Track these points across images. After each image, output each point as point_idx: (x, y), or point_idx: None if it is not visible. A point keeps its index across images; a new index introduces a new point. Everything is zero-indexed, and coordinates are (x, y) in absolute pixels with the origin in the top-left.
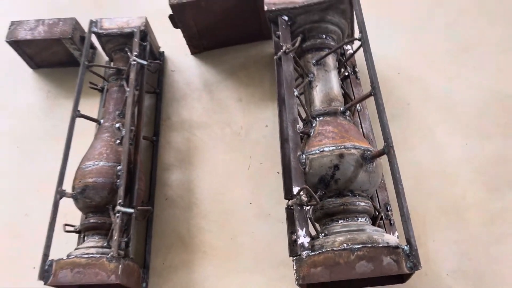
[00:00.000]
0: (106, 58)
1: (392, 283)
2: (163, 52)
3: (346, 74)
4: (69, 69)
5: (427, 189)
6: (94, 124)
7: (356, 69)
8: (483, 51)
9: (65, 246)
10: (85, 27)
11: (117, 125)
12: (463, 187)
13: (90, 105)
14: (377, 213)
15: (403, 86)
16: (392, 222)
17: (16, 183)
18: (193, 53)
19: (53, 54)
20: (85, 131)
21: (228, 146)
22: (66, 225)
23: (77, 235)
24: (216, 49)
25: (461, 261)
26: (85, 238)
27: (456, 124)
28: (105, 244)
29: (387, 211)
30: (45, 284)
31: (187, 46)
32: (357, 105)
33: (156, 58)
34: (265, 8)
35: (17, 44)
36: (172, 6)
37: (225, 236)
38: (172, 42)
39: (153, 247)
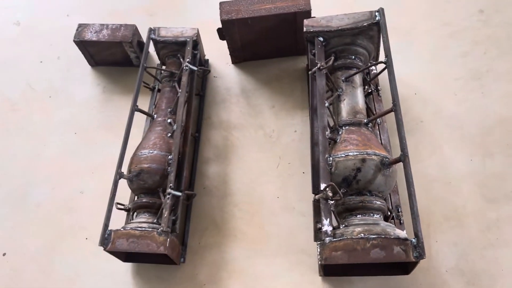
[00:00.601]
0: (157, 61)
1: (398, 274)
2: (208, 59)
3: (370, 91)
4: (123, 69)
5: (433, 196)
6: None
7: (378, 87)
8: (492, 79)
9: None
10: (141, 32)
11: (169, 120)
12: (464, 197)
13: (139, 102)
14: (389, 213)
15: (418, 105)
16: (401, 221)
17: (73, 164)
18: (233, 62)
19: (111, 55)
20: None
21: (260, 146)
22: (117, 203)
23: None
24: (254, 61)
25: (459, 260)
26: (136, 215)
27: (462, 142)
28: (154, 221)
29: (398, 211)
30: (104, 249)
31: (228, 56)
32: (378, 119)
33: (202, 64)
34: (304, 29)
35: (82, 44)
36: (223, 21)
37: (254, 224)
38: (214, 52)
39: (191, 229)
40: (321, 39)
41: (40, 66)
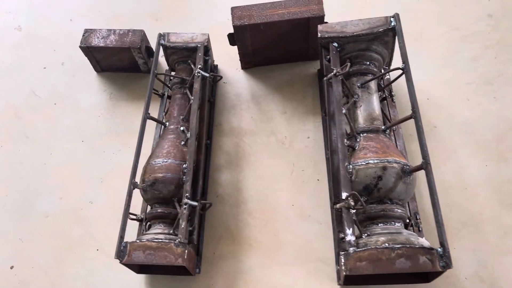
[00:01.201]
0: (165, 67)
1: (418, 282)
2: (217, 65)
3: (383, 96)
4: (130, 74)
5: (450, 203)
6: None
7: (392, 93)
8: (503, 84)
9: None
10: (148, 38)
11: (182, 128)
12: (481, 203)
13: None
14: (407, 220)
15: (432, 111)
16: (420, 229)
17: (81, 173)
18: (243, 68)
19: (118, 60)
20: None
21: (273, 153)
22: (129, 213)
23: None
24: (264, 66)
25: (478, 267)
26: (151, 226)
27: (477, 147)
28: (170, 232)
29: (416, 219)
30: (120, 262)
31: (237, 61)
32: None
33: (212, 70)
34: (319, 35)
35: (89, 50)
36: (235, 26)
37: (269, 232)
38: (222, 57)
39: (205, 238)
40: (336, 44)
41: (43, 72)
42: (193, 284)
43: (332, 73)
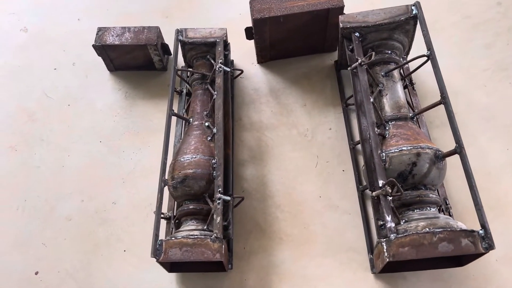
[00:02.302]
0: (181, 64)
1: (451, 266)
2: (233, 60)
3: (405, 85)
4: (144, 73)
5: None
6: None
7: (413, 81)
8: None
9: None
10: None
11: (207, 124)
12: (505, 186)
13: (163, 106)
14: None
15: (450, 98)
16: (450, 214)
17: (102, 174)
18: (259, 62)
19: (132, 59)
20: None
21: (296, 146)
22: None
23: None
24: (280, 60)
25: (508, 249)
26: (181, 223)
27: (496, 132)
28: (204, 228)
29: (446, 204)
30: (157, 261)
31: (252, 55)
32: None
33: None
34: (341, 25)
35: (103, 48)
36: (255, 20)
37: (299, 225)
38: (237, 51)
39: (235, 234)
40: (358, 34)
41: (54, 73)
42: (226, 280)
43: (357, 63)
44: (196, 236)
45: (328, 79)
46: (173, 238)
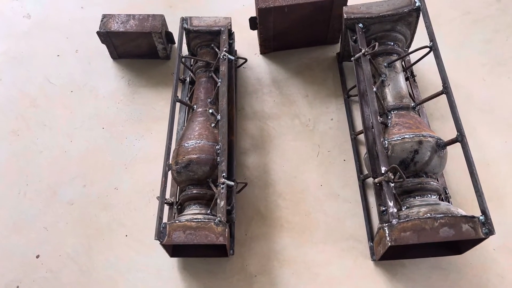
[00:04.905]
0: (185, 52)
1: (450, 254)
2: (236, 50)
3: (406, 77)
4: (147, 61)
5: None
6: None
7: (414, 73)
8: None
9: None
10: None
11: (211, 111)
12: (504, 178)
13: (166, 93)
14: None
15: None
16: (450, 202)
17: (104, 160)
18: (262, 52)
19: (136, 46)
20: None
21: (297, 135)
22: (158, 197)
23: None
24: (282, 51)
25: (505, 238)
26: (184, 208)
27: (495, 125)
28: (208, 212)
29: (446, 193)
30: (160, 243)
31: (255, 46)
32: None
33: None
34: (345, 16)
35: (107, 35)
36: (260, 9)
37: (300, 213)
38: (240, 42)
39: (236, 220)
40: (361, 25)
41: (57, 60)
42: (228, 266)
43: (361, 53)
44: (199, 220)
45: (330, 71)
46: (177, 221)
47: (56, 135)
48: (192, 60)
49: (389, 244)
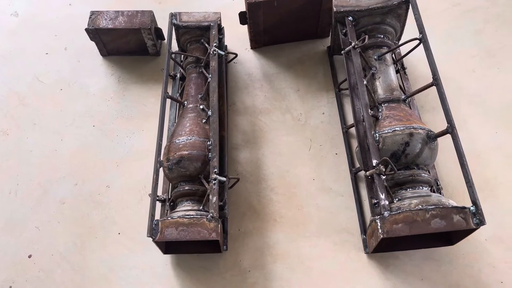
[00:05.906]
0: (174, 48)
1: (442, 245)
2: (226, 46)
3: (396, 69)
4: (136, 58)
5: None
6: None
7: (404, 65)
8: (505, 56)
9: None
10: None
11: (201, 106)
12: (494, 169)
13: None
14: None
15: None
16: (442, 194)
17: (95, 158)
18: (252, 47)
19: (125, 43)
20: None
21: (289, 130)
22: (150, 194)
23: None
24: (273, 45)
25: (496, 229)
26: (176, 204)
27: (486, 117)
28: (200, 208)
29: (437, 185)
30: (153, 240)
31: (246, 41)
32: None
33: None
34: (334, 9)
35: (96, 32)
36: (249, 4)
37: (293, 207)
38: (230, 37)
39: (229, 216)
40: (351, 18)
41: (46, 58)
42: (221, 261)
43: (351, 46)
44: (192, 216)
45: (321, 65)
46: (169, 218)
47: (46, 133)
48: (182, 56)
49: (381, 236)
